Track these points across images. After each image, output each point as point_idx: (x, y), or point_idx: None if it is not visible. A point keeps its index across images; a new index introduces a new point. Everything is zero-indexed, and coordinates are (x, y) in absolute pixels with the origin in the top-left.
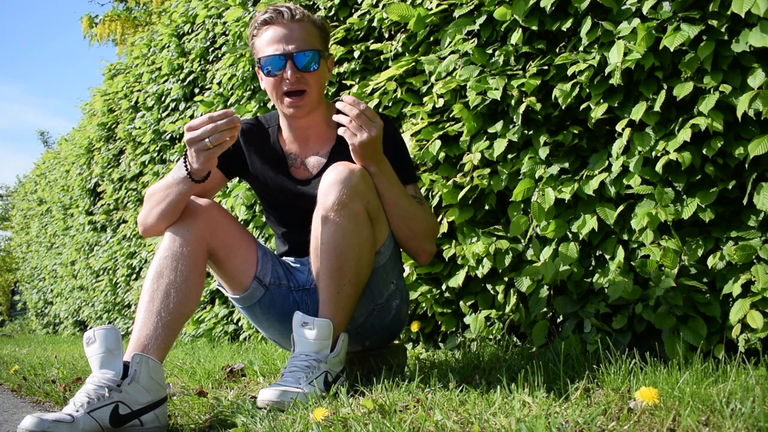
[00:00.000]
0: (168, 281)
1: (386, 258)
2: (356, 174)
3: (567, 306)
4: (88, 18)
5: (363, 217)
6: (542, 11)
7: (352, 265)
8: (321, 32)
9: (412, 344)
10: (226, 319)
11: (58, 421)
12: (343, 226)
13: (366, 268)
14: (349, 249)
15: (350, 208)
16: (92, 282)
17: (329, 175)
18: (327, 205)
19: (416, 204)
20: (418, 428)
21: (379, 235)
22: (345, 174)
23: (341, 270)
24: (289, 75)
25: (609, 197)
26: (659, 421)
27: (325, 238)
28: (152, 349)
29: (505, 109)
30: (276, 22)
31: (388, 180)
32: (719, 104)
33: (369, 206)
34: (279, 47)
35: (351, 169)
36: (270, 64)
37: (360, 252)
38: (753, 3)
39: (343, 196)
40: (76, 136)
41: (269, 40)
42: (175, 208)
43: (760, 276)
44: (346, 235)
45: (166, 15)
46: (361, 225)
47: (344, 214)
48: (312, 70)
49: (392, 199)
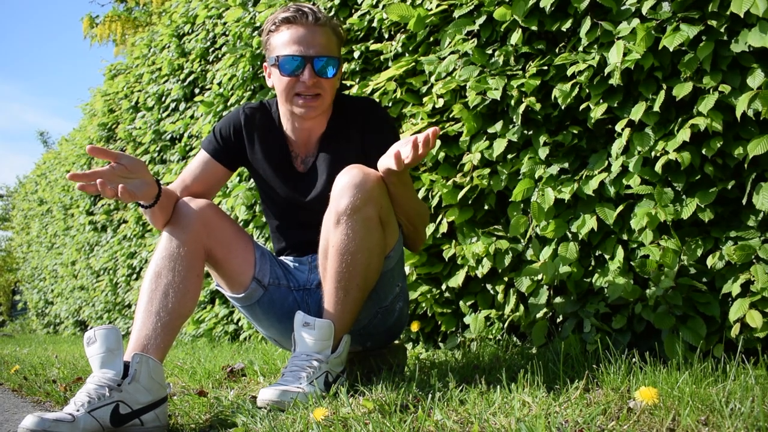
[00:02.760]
0: (166, 282)
1: (394, 262)
2: (371, 179)
3: (567, 306)
4: (88, 18)
5: (375, 222)
6: (542, 11)
7: (361, 269)
8: (339, 40)
9: (412, 344)
10: (227, 319)
11: (59, 420)
12: (355, 231)
13: (375, 273)
14: (359, 253)
15: (363, 212)
16: (93, 282)
17: (343, 178)
18: (340, 209)
19: (423, 204)
20: (418, 428)
21: (390, 239)
22: (360, 178)
23: (350, 274)
24: (306, 78)
25: (608, 197)
26: (659, 420)
27: (336, 241)
28: (152, 349)
29: (505, 109)
30: (298, 22)
31: (404, 185)
32: (718, 104)
33: (381, 211)
34: (300, 49)
35: (366, 174)
36: (288, 64)
37: (370, 257)
38: (752, 3)
39: (357, 201)
40: (77, 137)
41: (290, 40)
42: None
43: (759, 276)
44: (358, 240)
45: (166, 15)
46: (373, 230)
47: (357, 218)
48: (329, 76)
49: (405, 203)
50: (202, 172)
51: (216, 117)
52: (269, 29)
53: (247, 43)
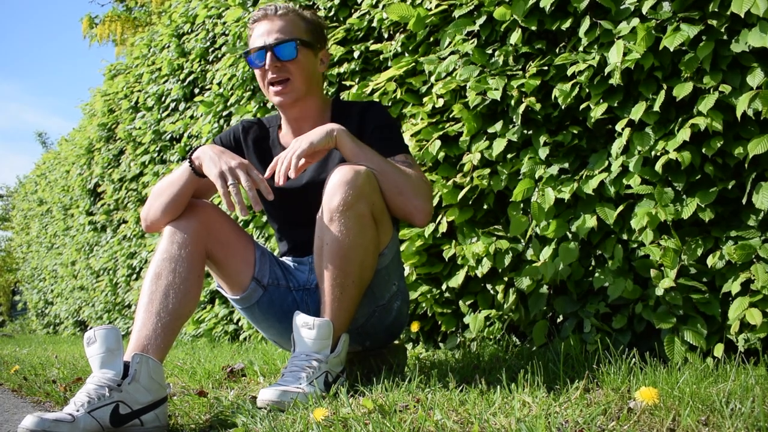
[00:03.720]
0: (166, 282)
1: (389, 260)
2: (362, 175)
3: (567, 306)
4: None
5: (368, 218)
6: (542, 11)
7: (356, 266)
8: (308, 25)
9: (412, 344)
10: (226, 319)
11: (59, 420)
12: (349, 227)
13: (369, 269)
14: (353, 250)
15: (355, 209)
16: (92, 282)
17: (334, 176)
18: (332, 207)
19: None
20: (418, 428)
21: (383, 236)
22: (350, 175)
23: (344, 271)
24: (267, 65)
25: (609, 197)
26: (659, 421)
27: (329, 239)
28: (152, 349)
29: (505, 109)
30: (263, 18)
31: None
32: (719, 104)
33: (374, 208)
34: (262, 40)
35: (356, 171)
36: (255, 57)
37: (364, 254)
38: (752, 3)
39: (349, 198)
40: (77, 137)
41: (256, 36)
42: (176, 201)
43: (759, 275)
44: (351, 236)
45: (166, 15)
46: (366, 226)
47: (349, 215)
48: (290, 59)
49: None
50: None
51: (216, 117)
52: (249, 33)
53: (247, 42)
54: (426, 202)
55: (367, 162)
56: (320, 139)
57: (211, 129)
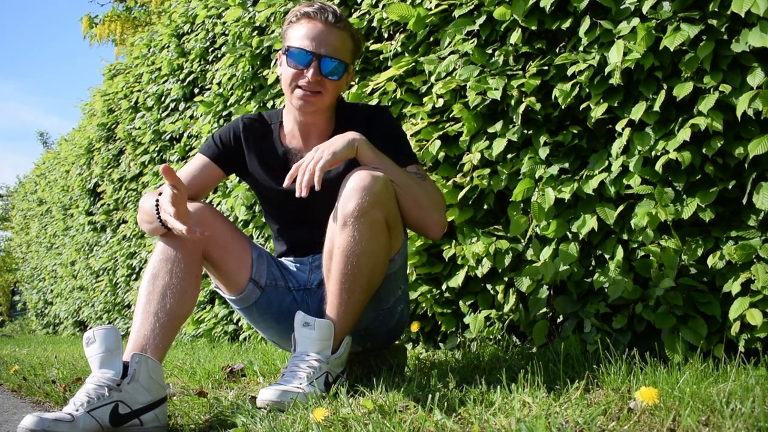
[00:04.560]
0: (164, 283)
1: (398, 266)
2: (380, 182)
3: (567, 306)
4: (88, 18)
5: (382, 225)
6: (542, 11)
7: (366, 272)
8: (354, 46)
9: (412, 344)
10: (226, 319)
11: (58, 420)
12: (362, 233)
13: (379, 275)
14: (364, 256)
15: (370, 215)
16: (92, 282)
17: (352, 180)
18: (347, 211)
19: (414, 176)
20: (418, 428)
21: (395, 243)
22: (368, 181)
23: (354, 276)
24: (310, 74)
25: (609, 197)
26: (659, 421)
27: (341, 243)
28: (150, 349)
29: (505, 109)
30: (317, 18)
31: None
32: (719, 104)
33: (389, 215)
34: (312, 44)
35: (374, 177)
36: (297, 56)
37: (375, 260)
38: (753, 3)
39: (365, 204)
40: (76, 137)
41: (304, 34)
42: (158, 231)
43: (760, 275)
44: (364, 242)
45: (165, 15)
46: (379, 233)
47: (364, 221)
48: (334, 78)
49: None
50: (199, 175)
51: (215, 117)
52: (290, 20)
53: (247, 42)
54: (443, 216)
55: (387, 173)
56: (342, 149)
57: (210, 129)
